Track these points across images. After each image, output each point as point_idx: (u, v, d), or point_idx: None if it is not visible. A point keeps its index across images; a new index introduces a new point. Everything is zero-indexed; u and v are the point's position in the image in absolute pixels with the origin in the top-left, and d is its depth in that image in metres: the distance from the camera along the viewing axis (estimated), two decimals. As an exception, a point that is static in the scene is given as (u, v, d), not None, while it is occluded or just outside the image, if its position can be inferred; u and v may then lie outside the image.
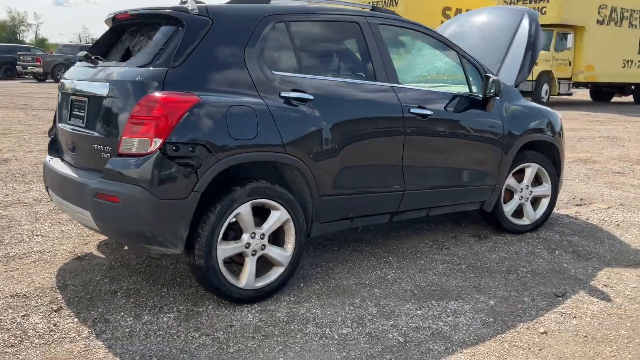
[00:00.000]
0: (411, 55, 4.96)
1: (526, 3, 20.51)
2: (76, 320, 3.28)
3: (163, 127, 3.10)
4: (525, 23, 5.31)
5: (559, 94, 20.91)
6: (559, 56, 20.30)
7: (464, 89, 4.62)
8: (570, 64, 20.72)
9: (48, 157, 4.05)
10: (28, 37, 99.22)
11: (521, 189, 5.02)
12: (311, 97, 3.63)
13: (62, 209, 3.80)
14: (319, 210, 3.76)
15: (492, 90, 4.42)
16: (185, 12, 3.44)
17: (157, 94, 3.14)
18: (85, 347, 2.99)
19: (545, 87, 19.99)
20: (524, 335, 3.24)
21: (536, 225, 5.15)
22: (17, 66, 30.12)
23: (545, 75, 19.79)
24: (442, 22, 21.87)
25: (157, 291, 3.68)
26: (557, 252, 4.65)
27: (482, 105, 4.58)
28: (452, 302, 3.63)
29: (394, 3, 21.99)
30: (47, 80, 29.64)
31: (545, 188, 5.14)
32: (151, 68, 3.29)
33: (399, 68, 4.27)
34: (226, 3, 3.85)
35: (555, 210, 5.86)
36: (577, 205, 6.21)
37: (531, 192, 5.08)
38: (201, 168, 3.17)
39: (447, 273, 4.13)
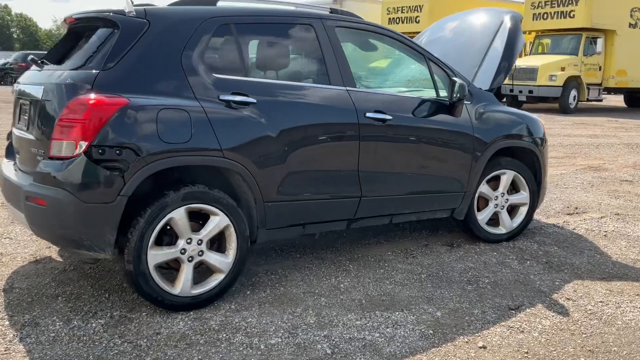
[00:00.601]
0: (375, 58, 4.84)
1: (554, 6, 20.05)
2: (7, 323, 3.26)
3: (89, 130, 3.06)
4: (506, 25, 5.14)
5: (588, 100, 20.33)
6: (588, 61, 19.74)
7: (432, 93, 4.48)
8: (600, 69, 20.13)
9: (5, 161, 4.07)
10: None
11: (496, 196, 4.84)
12: (254, 100, 3.55)
13: (10, 211, 3.81)
14: (264, 216, 3.68)
15: (457, 95, 4.27)
16: (122, 15, 3.41)
17: (84, 97, 3.11)
18: (5, 350, 2.97)
19: (573, 92, 19.45)
20: (461, 349, 3.09)
21: (513, 235, 4.95)
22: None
23: (574, 81, 19.26)
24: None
25: (99, 296, 3.65)
26: (528, 262, 4.45)
27: (450, 111, 4.43)
28: (397, 313, 3.50)
29: (418, 8, 21.76)
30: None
31: (523, 196, 4.94)
32: (83, 71, 3.26)
33: (360, 71, 4.16)
34: (171, 4, 3.80)
35: (543, 219, 5.66)
36: (568, 214, 5.97)
37: (507, 200, 4.89)
38: (128, 172, 3.13)
39: (403, 283, 3.99)
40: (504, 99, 19.84)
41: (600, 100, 21.52)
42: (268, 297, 3.70)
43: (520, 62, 19.77)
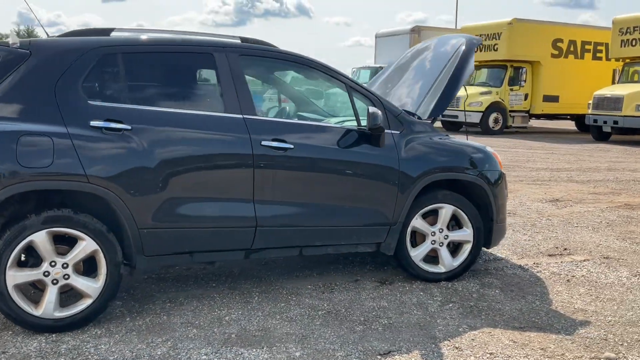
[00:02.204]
0: (289, 87, 4.73)
1: None
2: None
3: None
4: (459, 51, 4.86)
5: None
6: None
7: (353, 123, 4.30)
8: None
9: None
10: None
11: (433, 232, 4.52)
12: (129, 127, 3.58)
13: None
14: (140, 243, 3.67)
15: (372, 124, 4.07)
16: (7, 46, 3.58)
17: None
18: None
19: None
20: (283, 394, 2.89)
21: (455, 274, 4.59)
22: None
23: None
24: (551, 54, 20.73)
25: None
26: (450, 305, 4.11)
27: (370, 140, 4.22)
28: (254, 350, 3.34)
29: (497, 36, 21.07)
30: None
31: (465, 233, 4.58)
32: None
33: (269, 100, 4.09)
34: (64, 35, 3.94)
35: (514, 259, 5.25)
36: (549, 255, 5.46)
37: (446, 236, 4.55)
38: (-16, 194, 3.24)
39: (293, 319, 3.81)
40: (463, 127, 19.50)
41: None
42: (143, 325, 3.67)
43: (605, 91, 18.61)
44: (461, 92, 21.48)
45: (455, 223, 4.62)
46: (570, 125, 25.36)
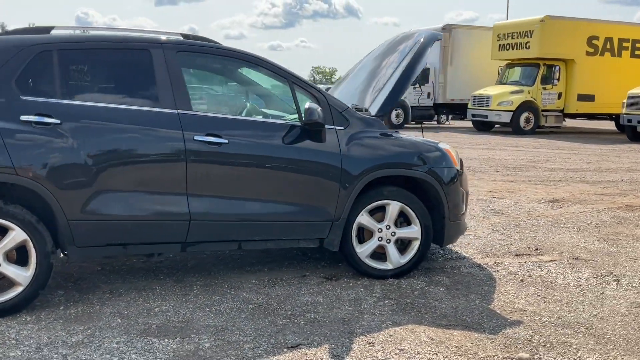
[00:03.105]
0: (229, 83, 4.76)
1: None
2: None
3: None
4: (415, 47, 4.81)
5: None
6: None
7: (296, 118, 4.32)
8: None
9: None
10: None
11: (380, 228, 4.49)
12: (58, 121, 3.70)
13: None
14: (70, 234, 3.78)
15: (309, 119, 4.09)
16: (-53, 43, 3.76)
17: None
18: None
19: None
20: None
21: (402, 271, 4.55)
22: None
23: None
24: (586, 52, 20.15)
25: None
26: (384, 302, 4.08)
27: (311, 136, 4.23)
28: (167, 340, 3.39)
29: (529, 34, 20.61)
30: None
31: (413, 230, 4.53)
32: None
33: (206, 96, 4.16)
34: (4, 33, 4.09)
35: (476, 258, 5.17)
36: (516, 255, 5.34)
37: (394, 233, 4.51)
38: None
39: (222, 311, 3.86)
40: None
41: None
42: (73, 314, 3.78)
43: (639, 90, 17.96)
44: (492, 91, 21.14)
45: (404, 220, 4.57)
46: (611, 125, 24.59)
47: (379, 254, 4.56)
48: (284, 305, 3.98)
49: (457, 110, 24.28)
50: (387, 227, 4.49)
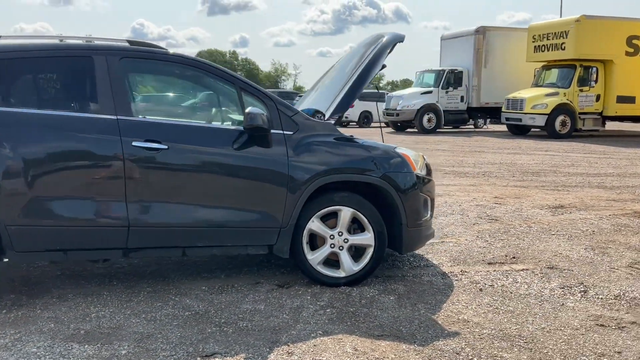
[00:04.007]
0: (174, 89, 4.73)
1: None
2: None
3: None
4: (375, 48, 4.70)
5: None
6: None
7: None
8: None
9: None
10: (287, 85, 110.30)
11: (332, 235, 4.39)
12: (-5, 128, 3.76)
13: None
14: (9, 239, 3.84)
15: (249, 124, 4.04)
16: None
17: None
18: None
19: None
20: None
21: (356, 279, 4.43)
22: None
23: None
24: (626, 52, 19.42)
25: None
26: (326, 311, 3.98)
27: (257, 141, 4.18)
28: (87, 346, 3.40)
29: (564, 34, 19.98)
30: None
31: (366, 237, 4.41)
32: None
33: (149, 102, 4.16)
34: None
35: (444, 266, 5.00)
36: (490, 263, 5.14)
37: (346, 240, 4.40)
38: None
39: (156, 319, 3.83)
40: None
41: None
42: (12, 317, 3.82)
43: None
44: (526, 94, 20.58)
45: (358, 227, 4.46)
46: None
47: (334, 261, 4.45)
48: (221, 313, 3.93)
49: (492, 114, 23.79)
50: (340, 233, 4.39)
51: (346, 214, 4.36)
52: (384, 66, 4.78)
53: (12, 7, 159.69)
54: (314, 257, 4.39)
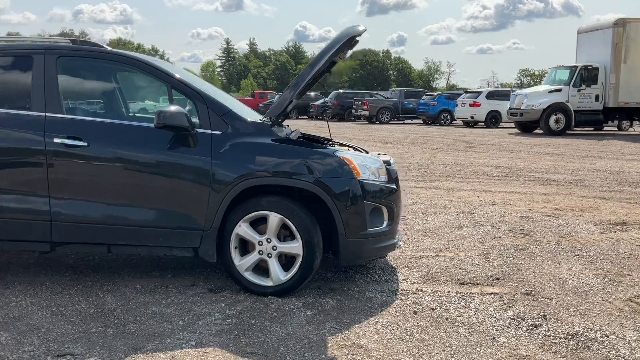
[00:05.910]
0: (110, 86, 4.68)
1: None
2: None
3: None
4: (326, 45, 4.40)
5: None
6: None
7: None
8: None
9: None
10: (440, 84, 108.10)
11: (260, 241, 4.16)
12: None
13: None
14: None
15: (159, 122, 3.96)
16: None
17: None
18: None
19: None
20: None
21: (285, 289, 4.16)
22: (352, 109, 33.43)
23: None
24: None
25: None
26: (225, 321, 3.78)
27: (181, 140, 4.09)
28: (-30, 335, 3.53)
29: None
30: (375, 122, 32.36)
31: (295, 245, 4.12)
32: None
33: (82, 99, 4.25)
34: None
35: (405, 284, 4.55)
36: (461, 283, 4.59)
37: (275, 247, 4.15)
38: None
39: (63, 313, 3.87)
40: None
41: None
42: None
43: None
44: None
45: (290, 234, 4.18)
46: None
47: (266, 268, 4.22)
48: (124, 314, 3.88)
49: (633, 115, 21.39)
50: (268, 240, 4.14)
51: (274, 219, 4.11)
52: (333, 62, 4.44)
53: (189, 13, 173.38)
54: (242, 264, 4.19)
